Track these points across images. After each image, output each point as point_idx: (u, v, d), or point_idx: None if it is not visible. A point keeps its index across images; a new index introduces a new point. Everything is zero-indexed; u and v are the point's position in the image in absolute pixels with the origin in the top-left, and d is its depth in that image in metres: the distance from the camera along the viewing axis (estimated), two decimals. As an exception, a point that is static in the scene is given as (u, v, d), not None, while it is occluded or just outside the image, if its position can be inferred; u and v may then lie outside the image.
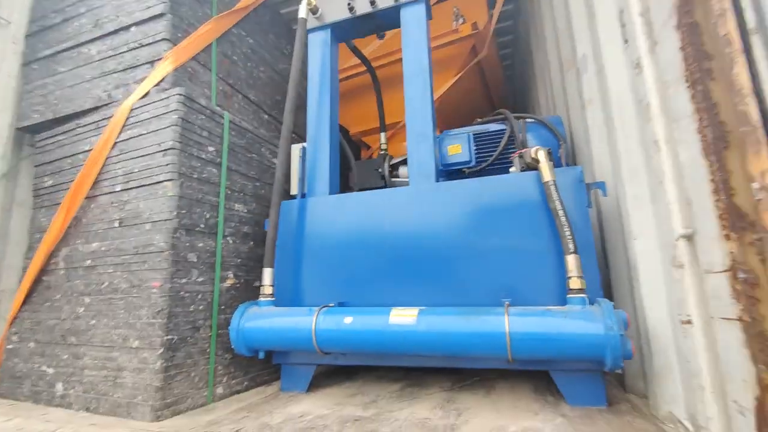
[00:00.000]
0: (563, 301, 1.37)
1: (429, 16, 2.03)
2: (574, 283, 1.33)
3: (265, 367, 1.94)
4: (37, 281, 1.82)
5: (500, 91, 3.93)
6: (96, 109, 1.89)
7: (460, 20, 3.08)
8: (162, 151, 1.61)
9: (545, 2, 2.54)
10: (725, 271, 0.80)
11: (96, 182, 1.76)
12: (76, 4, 2.08)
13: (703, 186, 0.86)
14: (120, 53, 1.90)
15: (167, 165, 1.59)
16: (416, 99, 1.87)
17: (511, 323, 1.28)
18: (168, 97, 1.64)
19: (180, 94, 1.63)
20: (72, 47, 2.04)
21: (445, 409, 1.43)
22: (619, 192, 1.44)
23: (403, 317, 1.42)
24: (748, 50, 0.78)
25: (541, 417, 1.32)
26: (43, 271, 1.81)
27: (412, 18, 1.94)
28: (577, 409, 1.36)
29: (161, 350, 1.44)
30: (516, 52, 4.20)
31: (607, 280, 1.64)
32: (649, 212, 1.22)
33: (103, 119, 1.80)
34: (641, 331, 1.33)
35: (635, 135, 1.26)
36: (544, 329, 1.27)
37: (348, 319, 1.48)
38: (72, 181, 1.80)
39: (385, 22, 2.09)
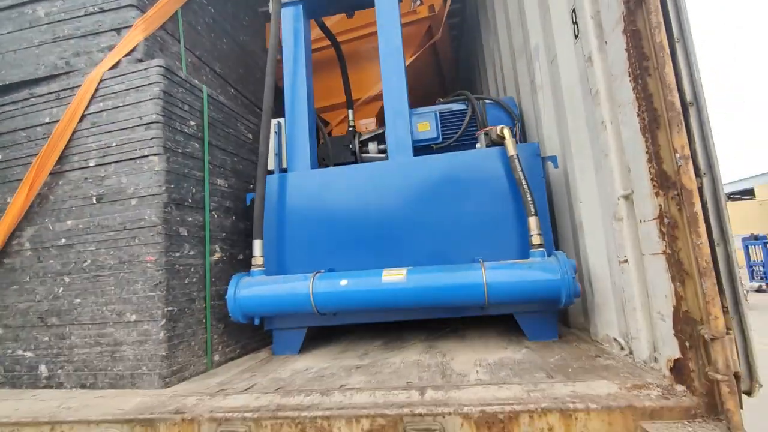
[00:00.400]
0: (525, 255, 1.65)
1: (413, 10, 2.14)
2: (536, 239, 1.61)
3: (254, 335, 2.03)
4: (-5, 266, 1.70)
5: (451, 72, 4.17)
6: (53, 77, 1.75)
7: (418, 2, 3.21)
8: (144, 124, 1.57)
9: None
10: (654, 219, 1.10)
11: (63, 156, 1.66)
12: (11, -44, 1.86)
13: (640, 157, 1.14)
14: (76, 17, 1.76)
15: (152, 139, 1.56)
16: (392, 78, 2.01)
17: (487, 275, 1.53)
18: (147, 69, 1.59)
19: (160, 66, 1.59)
20: (11, 6, 1.83)
21: (431, 353, 1.67)
22: (567, 164, 1.74)
23: (394, 276, 1.61)
24: (673, 54, 1.05)
25: (510, 350, 1.61)
26: (4, 253, 1.69)
27: (386, 1, 2.04)
28: (536, 343, 1.68)
29: (163, 321, 1.48)
30: (462, 33, 4.43)
31: (555, 237, 1.97)
32: (593, 180, 1.52)
33: (65, 89, 1.69)
34: (584, 274, 1.66)
35: (583, 117, 1.54)
36: (514, 278, 1.54)
37: (343, 282, 1.63)
38: (32, 155, 1.68)
39: (356, 1, 2.16)
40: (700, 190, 0.98)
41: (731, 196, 32.93)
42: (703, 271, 0.94)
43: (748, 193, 28.15)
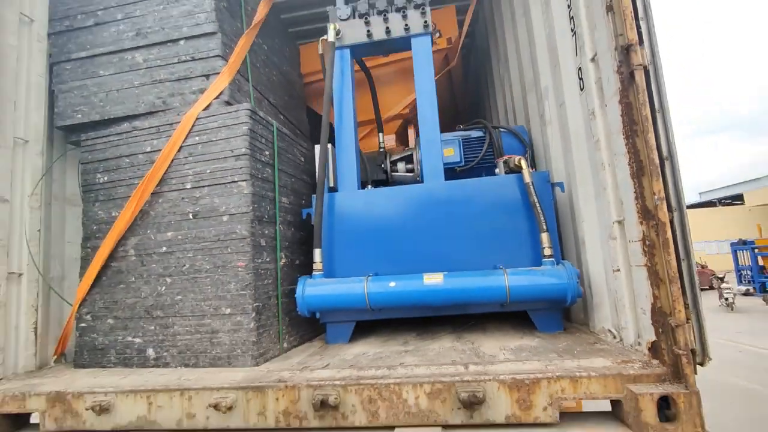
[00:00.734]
0: (537, 263, 2.05)
1: (432, 42, 2.53)
2: (547, 251, 2.01)
3: (308, 327, 2.41)
4: (105, 267, 2.06)
5: (462, 93, 4.58)
6: (152, 113, 2.12)
7: (437, 34, 3.61)
8: (234, 156, 1.95)
9: (509, 33, 3.16)
10: (639, 240, 1.49)
11: (163, 180, 2.03)
12: (111, 10, 2.23)
13: (629, 194, 1.53)
14: (171, 64, 2.13)
15: (241, 168, 1.94)
16: (427, 112, 2.40)
17: (509, 279, 1.93)
18: (237, 111, 1.97)
19: (248, 109, 1.97)
20: (113, 52, 2.20)
21: (461, 341, 2.06)
22: (572, 191, 2.14)
23: (433, 279, 2.00)
24: (655, 122, 1.45)
25: (525, 339, 2.00)
26: (112, 257, 2.06)
27: (421, 47, 2.44)
28: (545, 334, 2.07)
29: (253, 314, 1.86)
30: (469, 62, 4.82)
31: (561, 249, 2.37)
32: (593, 206, 1.92)
33: (164, 124, 2.06)
34: (585, 280, 2.06)
35: (586, 155, 1.93)
36: (530, 282, 1.94)
37: (392, 284, 2.02)
38: (135, 178, 2.06)
39: (395, 46, 2.55)
40: (671, 221, 1.38)
41: (722, 201, 33.68)
42: (671, 279, 1.34)
43: (739, 199, 28.92)
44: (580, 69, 1.94)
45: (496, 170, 2.42)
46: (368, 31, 2.44)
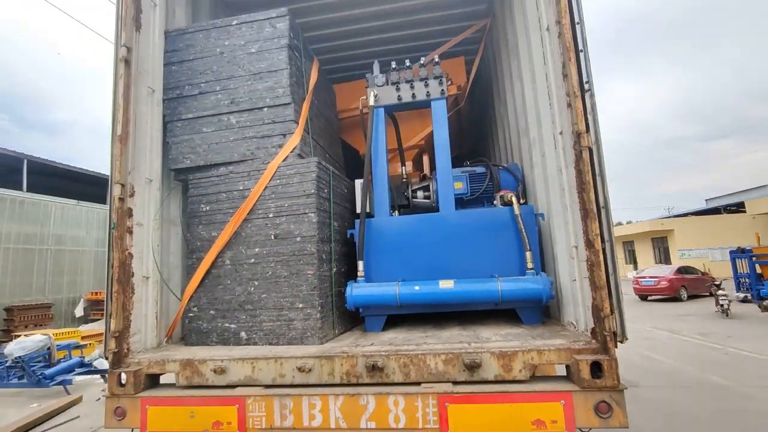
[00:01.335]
0: (523, 273, 2.80)
1: (446, 103, 3.30)
2: (529, 265, 2.76)
3: (350, 320, 3.18)
4: (207, 273, 2.85)
5: (470, 130, 5.36)
6: (243, 161, 2.92)
7: (449, 82, 4.38)
8: (305, 195, 2.74)
9: (507, 84, 3.92)
10: (585, 261, 2.24)
11: (252, 210, 2.82)
12: (211, 83, 3.03)
13: (580, 230, 2.27)
14: (257, 125, 2.93)
15: (310, 203, 2.72)
16: (443, 159, 3.16)
17: (501, 285, 2.68)
18: (308, 163, 2.76)
19: (316, 162, 2.76)
20: (212, 115, 3.00)
21: (466, 330, 2.81)
22: (550, 220, 2.89)
23: (447, 285, 2.76)
24: (595, 184, 2.19)
25: (512, 329, 2.75)
26: (213, 266, 2.85)
27: (439, 108, 3.21)
28: (527, 326, 2.82)
29: (318, 308, 2.63)
30: (475, 102, 5.58)
31: (541, 263, 3.12)
32: (563, 233, 2.66)
33: (253, 170, 2.85)
34: (556, 286, 2.81)
35: (558, 197, 2.68)
36: (516, 287, 2.69)
37: (417, 287, 2.79)
38: (230, 208, 2.85)
39: (417, 106, 3.33)
40: (604, 250, 2.13)
41: (727, 208, 33.87)
42: (602, 287, 2.08)
43: (741, 206, 29.22)
44: (554, 134, 2.69)
45: (495, 202, 3.18)
46: (398, 95, 3.22)
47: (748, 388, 6.40)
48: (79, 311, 15.70)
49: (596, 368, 2.05)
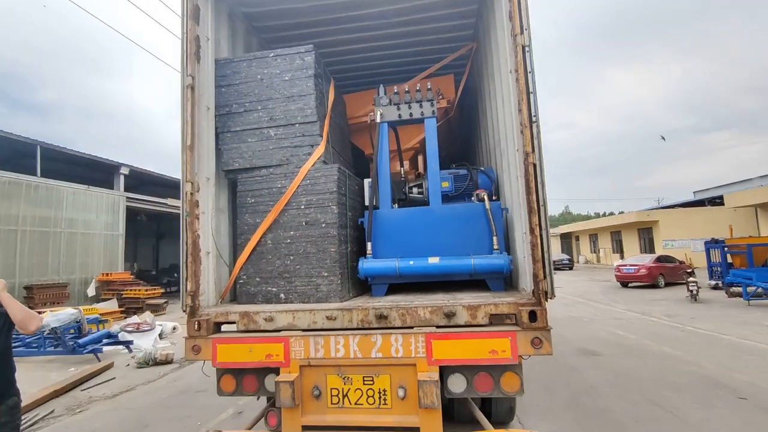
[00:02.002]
0: (490, 253, 3.75)
1: (437, 102, 4.18)
2: (495, 246, 3.71)
3: (360, 287, 4.12)
4: (253, 250, 3.77)
5: (459, 134, 6.27)
6: (280, 165, 3.81)
7: (440, 96, 5.27)
8: (329, 192, 3.64)
9: (488, 99, 4.81)
10: (530, 243, 3.17)
11: (288, 203, 3.72)
12: (254, 103, 3.89)
13: (526, 221, 3.20)
14: (290, 137, 3.81)
15: (332, 199, 3.63)
16: (433, 164, 4.07)
17: (474, 261, 3.63)
18: (331, 168, 3.66)
19: (338, 167, 3.66)
20: (255, 128, 3.87)
21: (448, 294, 3.77)
22: (512, 213, 3.82)
23: (434, 260, 3.71)
24: (537, 191, 3.12)
25: (481, 293, 3.71)
26: (258, 245, 3.77)
27: (430, 124, 4.10)
28: (494, 292, 3.78)
29: (339, 277, 3.57)
30: (464, 110, 6.46)
31: (506, 245, 4.07)
32: (520, 223, 3.60)
33: (288, 173, 3.74)
34: (515, 262, 3.77)
35: (517, 197, 3.60)
36: (485, 262, 3.64)
37: (411, 262, 3.73)
38: (271, 201, 3.75)
39: (413, 121, 4.21)
40: (541, 236, 3.07)
41: (712, 201, 35.09)
42: (539, 260, 3.03)
43: (720, 200, 30.44)
44: (515, 150, 3.60)
45: (473, 198, 4.11)
46: (399, 114, 4.11)
47: (691, 357, 7.52)
48: (91, 291, 16.60)
49: (533, 316, 3.01)
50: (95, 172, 20.01)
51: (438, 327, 3.14)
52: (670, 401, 5.28)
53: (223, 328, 3.55)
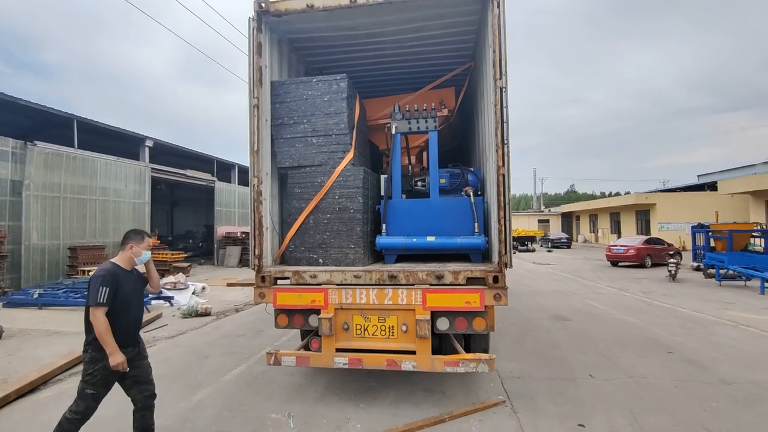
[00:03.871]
0: (472, 234, 5.11)
1: (439, 111, 5.44)
2: (476, 230, 5.07)
3: (376, 257, 5.54)
4: (299, 228, 5.16)
5: (459, 135, 7.51)
6: (320, 165, 5.14)
7: (442, 106, 6.50)
8: (357, 187, 4.99)
9: (481, 109, 6.04)
10: (498, 229, 4.52)
11: (326, 194, 5.08)
12: (300, 117, 5.18)
13: (497, 212, 4.53)
14: (328, 144, 5.12)
15: (359, 192, 4.98)
16: (433, 166, 5.38)
17: (461, 240, 5.01)
18: (359, 169, 4.99)
19: (365, 168, 4.99)
20: (302, 137, 5.18)
21: (440, 263, 5.17)
22: (490, 206, 5.16)
23: (431, 239, 5.09)
24: (505, 193, 4.44)
25: (465, 264, 5.11)
26: (302, 224, 5.16)
27: (433, 136, 5.38)
28: (473, 263, 5.17)
29: (362, 248, 4.97)
30: (463, 116, 7.66)
31: (485, 229, 5.43)
32: (494, 214, 4.93)
33: (326, 171, 5.07)
34: (490, 242, 5.14)
35: (494, 194, 4.92)
36: (468, 242, 5.02)
37: (414, 239, 5.12)
38: (313, 191, 5.11)
39: (420, 132, 5.48)
40: (505, 225, 4.41)
41: (710, 185, 35.81)
42: (503, 241, 4.39)
43: (713, 186, 31.25)
44: (494, 160, 4.89)
45: (462, 193, 5.44)
46: (410, 127, 5.37)
47: (645, 324, 8.99)
48: (124, 254, 18.26)
49: (496, 279, 4.41)
50: (122, 143, 21.34)
51: (431, 285, 4.56)
52: (613, 353, 6.77)
53: (279, 282, 5.00)
